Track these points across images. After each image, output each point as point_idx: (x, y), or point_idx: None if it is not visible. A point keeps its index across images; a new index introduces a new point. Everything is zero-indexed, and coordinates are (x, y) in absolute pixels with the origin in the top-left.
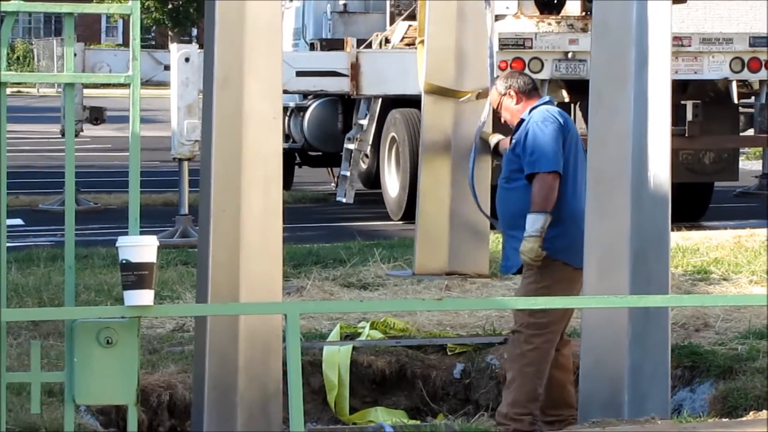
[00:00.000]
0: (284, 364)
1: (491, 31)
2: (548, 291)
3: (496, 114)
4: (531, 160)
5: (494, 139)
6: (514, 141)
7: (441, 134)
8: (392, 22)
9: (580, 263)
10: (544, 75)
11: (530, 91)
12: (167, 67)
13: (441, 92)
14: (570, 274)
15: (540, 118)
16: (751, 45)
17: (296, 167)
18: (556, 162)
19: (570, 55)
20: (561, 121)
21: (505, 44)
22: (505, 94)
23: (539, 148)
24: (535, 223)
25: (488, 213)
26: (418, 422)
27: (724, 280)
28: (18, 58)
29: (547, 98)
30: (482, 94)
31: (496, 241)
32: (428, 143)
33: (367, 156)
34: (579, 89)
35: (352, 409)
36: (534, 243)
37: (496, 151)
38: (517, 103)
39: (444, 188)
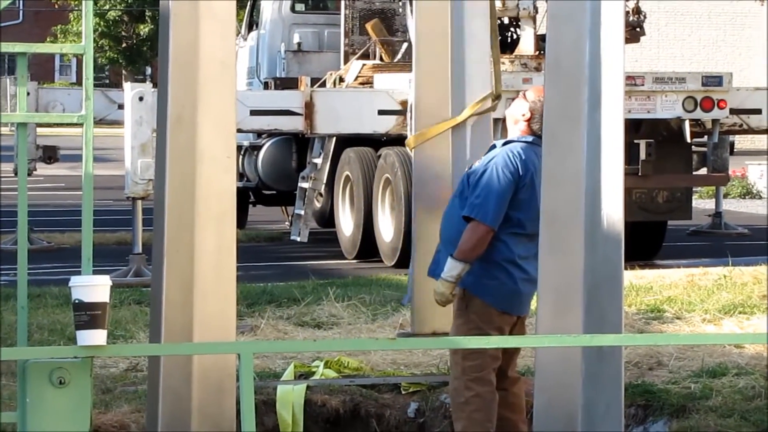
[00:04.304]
0: (238, 403)
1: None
2: (478, 331)
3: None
4: (474, 203)
5: None
6: (474, 167)
7: (436, 181)
8: (346, 60)
9: (504, 307)
10: (498, 114)
11: (532, 125)
12: (121, 106)
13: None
14: (496, 317)
15: (502, 162)
16: (703, 84)
17: (250, 206)
18: (495, 219)
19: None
20: (521, 171)
21: None
22: (526, 103)
23: (486, 195)
24: (453, 269)
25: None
26: None
27: (678, 318)
28: None
29: (530, 138)
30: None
31: None
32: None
33: (321, 195)
34: None
35: None
36: (447, 288)
37: None
38: (518, 122)
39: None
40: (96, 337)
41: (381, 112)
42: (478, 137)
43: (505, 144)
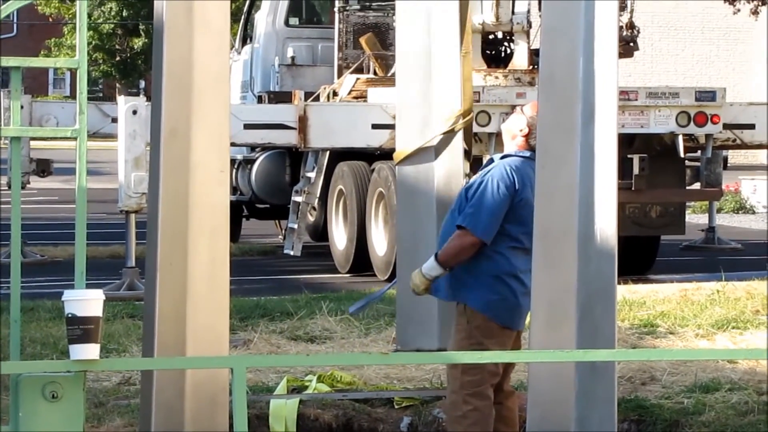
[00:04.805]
0: (231, 417)
1: None
2: (480, 346)
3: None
4: (468, 213)
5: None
6: (471, 181)
7: (421, 192)
8: (340, 74)
9: (506, 322)
10: (492, 128)
11: (530, 141)
12: (115, 120)
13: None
14: (497, 332)
15: (498, 175)
16: (697, 99)
17: (244, 219)
18: (486, 231)
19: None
20: (517, 186)
21: None
22: (524, 118)
23: (479, 207)
24: (432, 270)
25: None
26: None
27: (671, 333)
28: None
29: (527, 154)
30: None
31: None
32: (405, 208)
33: (314, 209)
34: None
35: None
36: (422, 284)
37: None
38: (515, 137)
39: (425, 251)
40: (89, 351)
41: (374, 126)
42: (458, 153)
43: (503, 158)
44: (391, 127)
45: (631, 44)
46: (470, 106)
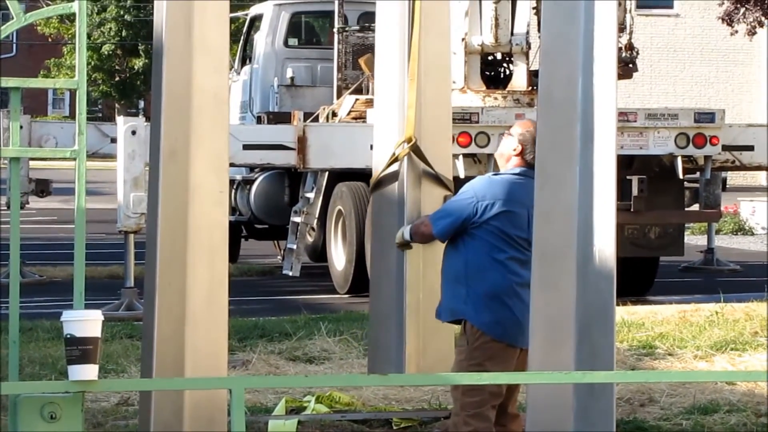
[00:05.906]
0: None
1: None
2: (480, 367)
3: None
4: (439, 210)
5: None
6: None
7: (386, 217)
8: (339, 95)
9: (507, 339)
10: (490, 149)
11: (525, 157)
12: (114, 140)
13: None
14: (499, 351)
15: (470, 184)
16: (696, 121)
17: (242, 240)
18: (442, 231)
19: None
20: (490, 197)
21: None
22: (513, 137)
23: (445, 209)
24: (406, 233)
25: None
26: None
27: (669, 355)
28: None
29: (517, 170)
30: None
31: None
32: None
33: (313, 229)
34: None
35: None
36: (399, 240)
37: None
38: (510, 159)
39: (391, 276)
40: (87, 371)
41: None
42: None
43: (494, 175)
44: None
45: (630, 65)
46: (412, 132)
